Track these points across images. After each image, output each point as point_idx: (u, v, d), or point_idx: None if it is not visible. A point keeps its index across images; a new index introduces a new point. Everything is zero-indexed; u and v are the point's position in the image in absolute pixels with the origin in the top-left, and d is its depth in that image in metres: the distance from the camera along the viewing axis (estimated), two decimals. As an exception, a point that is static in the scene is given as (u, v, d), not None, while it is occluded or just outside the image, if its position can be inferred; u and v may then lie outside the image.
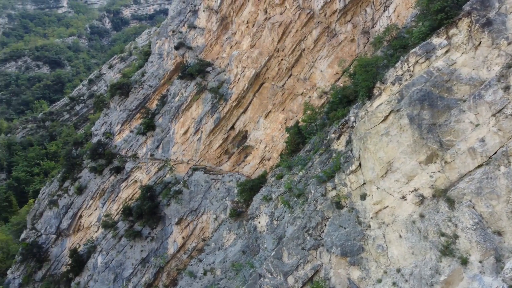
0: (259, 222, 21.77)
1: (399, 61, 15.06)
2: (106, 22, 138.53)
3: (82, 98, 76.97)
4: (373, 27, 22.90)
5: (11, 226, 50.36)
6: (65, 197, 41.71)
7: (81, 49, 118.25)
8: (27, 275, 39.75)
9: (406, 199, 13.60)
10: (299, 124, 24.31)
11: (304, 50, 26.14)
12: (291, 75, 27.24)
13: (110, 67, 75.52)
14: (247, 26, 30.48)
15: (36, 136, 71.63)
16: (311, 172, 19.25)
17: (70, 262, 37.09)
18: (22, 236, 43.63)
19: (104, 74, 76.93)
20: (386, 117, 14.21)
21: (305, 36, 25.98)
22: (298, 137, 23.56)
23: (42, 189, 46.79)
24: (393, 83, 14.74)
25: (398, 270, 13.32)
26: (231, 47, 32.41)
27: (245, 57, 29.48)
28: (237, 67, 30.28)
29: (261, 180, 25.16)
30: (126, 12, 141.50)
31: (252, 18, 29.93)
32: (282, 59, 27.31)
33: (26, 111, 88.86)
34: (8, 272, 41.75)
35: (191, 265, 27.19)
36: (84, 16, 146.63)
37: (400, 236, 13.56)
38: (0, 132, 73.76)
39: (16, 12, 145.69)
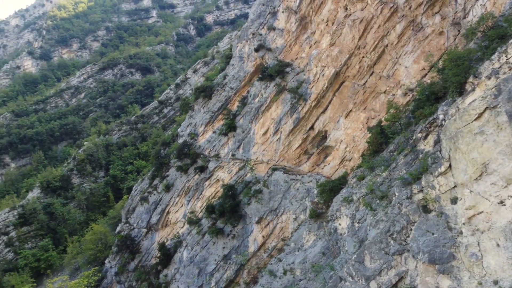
0: (340, 224, 21.28)
1: (496, 53, 13.68)
2: (190, 29, 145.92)
3: (169, 101, 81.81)
4: (464, 18, 21.15)
5: (108, 220, 54.99)
6: (154, 194, 44.55)
7: (168, 56, 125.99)
8: (122, 265, 43.08)
9: (504, 205, 12.30)
10: (382, 124, 23.29)
11: (387, 46, 25.00)
12: (373, 72, 26.21)
13: (195, 71, 79.28)
14: (327, 25, 29.98)
15: (130, 137, 77.65)
16: (395, 173, 18.32)
17: (158, 255, 39.56)
18: (118, 229, 47.41)
19: (189, 78, 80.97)
20: (480, 115, 12.95)
21: (388, 32, 24.83)
22: (380, 137, 22.60)
23: (135, 186, 50.49)
24: (488, 77, 13.42)
25: (496, 282, 12.11)
26: (310, 47, 32.14)
27: (324, 56, 29.03)
28: (317, 67, 29.93)
29: (342, 181, 24.58)
30: (209, 18, 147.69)
31: (331, 16, 29.37)
32: (363, 57, 26.40)
33: (121, 114, 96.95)
34: (106, 261, 45.67)
35: (271, 264, 27.48)
36: (171, 24, 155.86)
37: (498, 245, 12.30)
38: (99, 134, 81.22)
39: (113, 25, 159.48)
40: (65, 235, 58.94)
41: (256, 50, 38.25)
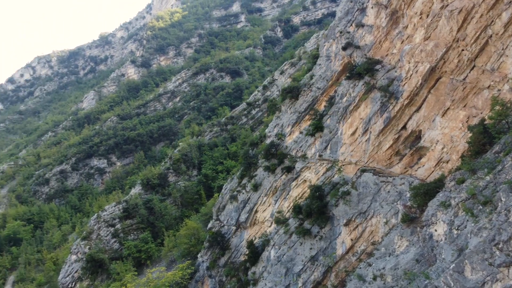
0: (436, 230, 19.87)
1: None
2: (277, 31, 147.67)
3: (257, 103, 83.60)
4: None
5: (200, 216, 57.89)
6: (243, 193, 45.83)
7: (256, 58, 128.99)
8: (213, 260, 45.03)
9: None
10: (485, 122, 21.24)
11: (491, 36, 22.71)
12: (474, 66, 23.98)
13: (282, 72, 79.96)
14: (420, 18, 28.20)
15: (220, 138, 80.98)
16: (501, 176, 16.59)
17: (247, 252, 40.60)
18: (209, 225, 49.65)
19: (276, 79, 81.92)
20: None
21: (492, 21, 22.54)
22: (483, 137, 20.62)
23: (225, 185, 52.47)
24: None
25: None
26: (402, 42, 30.50)
27: (418, 51, 27.34)
28: (409, 63, 28.30)
29: (438, 184, 22.91)
30: (296, 20, 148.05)
31: (426, 9, 27.55)
32: (462, 50, 24.31)
33: (212, 116, 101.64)
34: (199, 255, 48.09)
35: (360, 268, 26.62)
36: (259, 28, 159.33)
37: None
38: (193, 135, 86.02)
39: (205, 31, 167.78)
40: (162, 229, 63.37)
41: (344, 48, 37.38)
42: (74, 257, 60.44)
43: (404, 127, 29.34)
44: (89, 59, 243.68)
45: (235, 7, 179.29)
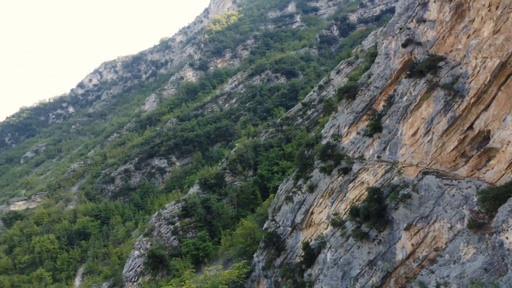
0: (507, 238, 18.50)
1: None
2: (333, 30, 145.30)
3: (313, 103, 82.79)
4: None
5: (256, 216, 58.37)
6: (298, 194, 45.59)
7: (312, 58, 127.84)
8: (269, 261, 45.23)
9: None
10: None
11: None
12: (551, 60, 22.06)
13: (338, 72, 78.58)
14: (489, 10, 26.38)
15: (275, 139, 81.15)
16: None
17: (303, 254, 40.31)
18: (265, 226, 49.94)
19: (332, 79, 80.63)
20: None
21: None
22: (563, 137, 18.89)
23: (280, 185, 52.52)
24: None
25: None
26: (468, 37, 28.71)
27: (486, 45, 25.60)
28: (476, 58, 26.58)
29: (509, 188, 21.30)
30: (353, 17, 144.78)
31: (495, 0, 25.75)
32: (538, 43, 22.44)
33: (268, 117, 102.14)
34: (254, 255, 48.51)
35: (422, 275, 25.41)
36: (314, 27, 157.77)
37: None
38: (249, 136, 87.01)
39: (260, 33, 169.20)
40: (219, 228, 64.72)
41: (404, 45, 35.91)
42: (137, 252, 63.51)
43: (470, 127, 27.58)
44: (150, 63, 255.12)
45: (290, 8, 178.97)
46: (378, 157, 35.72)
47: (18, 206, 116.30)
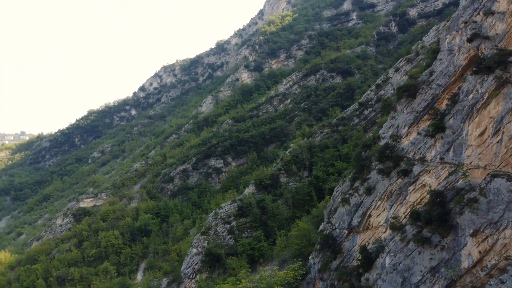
0: None
1: None
2: (392, 26, 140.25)
3: (370, 103, 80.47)
4: None
5: (312, 218, 57.83)
6: (355, 196, 44.57)
7: (368, 56, 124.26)
8: (324, 263, 44.65)
9: None
10: None
11: None
12: None
13: (397, 70, 75.62)
14: None
15: (331, 139, 79.83)
16: None
17: (360, 258, 39.36)
18: (320, 227, 49.32)
19: (391, 77, 77.78)
20: None
21: None
22: None
23: (336, 187, 51.60)
24: None
25: None
26: (543, 29, 26.51)
27: None
28: (554, 52, 24.48)
29: None
30: (412, 12, 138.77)
31: None
32: None
33: (323, 117, 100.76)
34: (310, 257, 48.08)
35: (491, 285, 23.85)
36: (371, 24, 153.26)
37: None
38: (303, 137, 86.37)
39: (315, 32, 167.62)
40: (274, 229, 64.90)
41: (469, 40, 33.85)
42: (194, 250, 65.44)
43: (546, 127, 25.48)
44: (207, 66, 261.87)
45: (346, 5, 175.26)
46: (441, 158, 34.00)
47: (86, 203, 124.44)
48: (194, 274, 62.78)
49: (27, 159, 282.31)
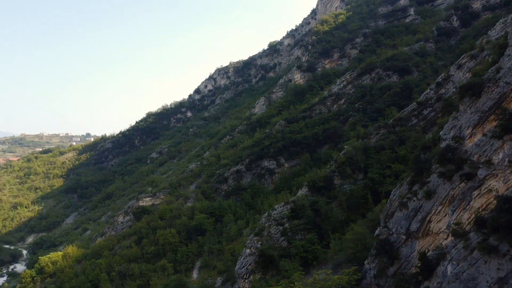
0: None
1: None
2: (453, 20, 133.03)
3: (429, 102, 76.82)
4: None
5: (367, 221, 56.29)
6: (414, 200, 42.78)
7: (427, 53, 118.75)
8: (380, 269, 43.28)
9: None
10: None
11: None
12: None
13: (459, 67, 71.53)
14: None
15: (387, 140, 77.13)
16: None
17: (419, 265, 37.68)
18: (376, 232, 47.84)
19: (452, 75, 73.70)
20: None
21: None
22: None
23: (393, 190, 49.82)
24: None
25: None
26: None
27: None
28: None
29: None
30: (476, 5, 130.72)
31: None
32: None
33: (379, 118, 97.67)
34: (365, 262, 46.81)
35: None
36: (430, 19, 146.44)
37: None
38: (358, 138, 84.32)
39: (370, 30, 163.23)
40: (328, 232, 63.90)
41: (543, 34, 31.29)
42: (248, 251, 66.07)
43: None
44: (260, 67, 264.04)
45: (403, 1, 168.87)
46: (510, 161, 31.68)
47: (145, 202, 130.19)
48: (247, 275, 63.41)
49: (91, 159, 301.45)
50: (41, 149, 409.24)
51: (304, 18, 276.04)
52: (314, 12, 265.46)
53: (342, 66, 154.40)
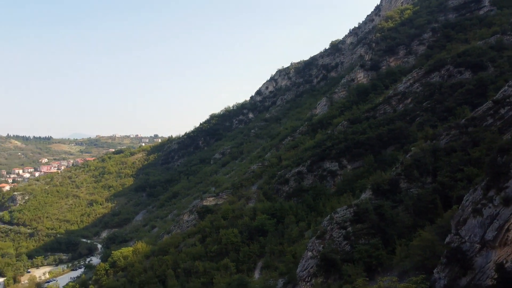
0: None
1: None
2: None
3: (507, 100, 70.82)
4: None
5: (436, 228, 53.29)
6: (489, 207, 39.80)
7: (505, 47, 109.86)
8: (451, 279, 40.76)
9: None
10: None
11: None
12: None
13: (542, 61, 65.52)
14: None
15: (459, 142, 72.40)
16: None
17: (495, 276, 35.01)
18: (447, 239, 45.13)
19: (534, 70, 67.66)
20: None
21: None
22: None
23: (466, 196, 46.66)
24: None
25: None
26: None
27: None
28: None
29: None
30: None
31: None
32: None
33: (449, 117, 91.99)
34: (435, 271, 44.33)
35: None
36: (508, 10, 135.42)
37: None
38: (426, 139, 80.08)
39: (439, 24, 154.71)
40: (394, 237, 61.39)
41: None
42: (309, 253, 65.45)
43: None
44: (321, 67, 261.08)
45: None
46: None
47: (209, 201, 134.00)
48: (309, 278, 62.83)
49: (159, 160, 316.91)
50: (113, 150, 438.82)
51: (367, 15, 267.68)
52: (378, 8, 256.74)
53: (408, 63, 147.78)
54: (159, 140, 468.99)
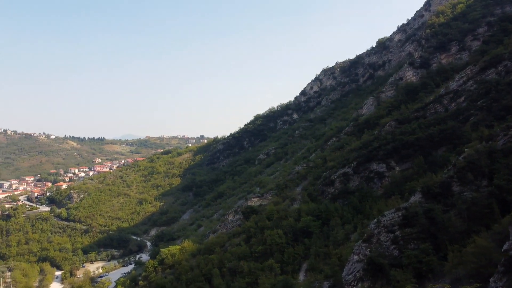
0: None
1: None
2: None
3: None
4: None
5: (493, 234, 50.41)
6: (553, 214, 37.09)
7: None
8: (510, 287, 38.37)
9: None
10: None
11: None
12: None
13: None
14: None
15: (518, 143, 68.12)
16: None
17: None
18: (505, 247, 42.50)
19: None
20: None
21: None
22: None
23: (526, 201, 43.83)
24: None
25: None
26: None
27: None
28: None
29: None
30: None
31: None
32: None
33: (507, 116, 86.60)
34: (491, 280, 41.90)
35: None
36: None
37: None
38: (481, 140, 75.90)
39: (495, 18, 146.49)
40: (445, 242, 58.75)
41: None
42: (356, 257, 64.03)
43: None
44: (367, 66, 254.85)
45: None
46: None
47: (254, 202, 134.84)
48: (355, 282, 61.46)
49: (205, 160, 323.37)
50: (162, 150, 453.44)
51: (417, 11, 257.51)
52: (428, 3, 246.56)
53: (461, 60, 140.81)
54: (205, 141, 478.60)
